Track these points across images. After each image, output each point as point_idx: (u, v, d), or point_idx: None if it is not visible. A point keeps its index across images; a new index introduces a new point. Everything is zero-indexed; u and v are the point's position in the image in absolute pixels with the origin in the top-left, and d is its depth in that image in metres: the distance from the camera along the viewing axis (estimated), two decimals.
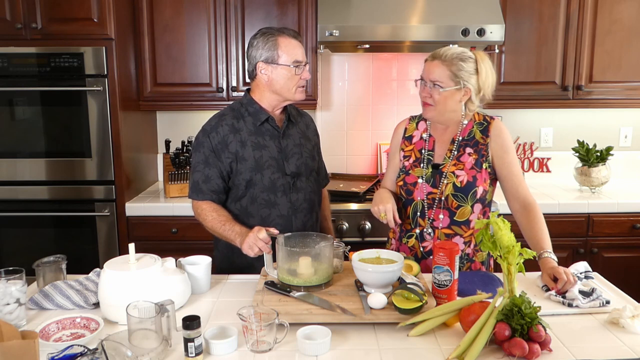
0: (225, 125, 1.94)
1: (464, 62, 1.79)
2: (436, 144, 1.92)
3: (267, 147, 1.94)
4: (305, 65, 1.91)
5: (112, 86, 2.75)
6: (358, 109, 3.42)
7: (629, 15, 3.01)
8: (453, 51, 1.81)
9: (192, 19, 2.99)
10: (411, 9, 2.89)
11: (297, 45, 1.90)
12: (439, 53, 1.82)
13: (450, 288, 1.51)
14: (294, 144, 2.00)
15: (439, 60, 1.80)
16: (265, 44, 1.87)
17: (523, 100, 3.11)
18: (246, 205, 1.95)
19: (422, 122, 1.98)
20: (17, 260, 2.67)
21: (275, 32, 1.89)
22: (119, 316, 1.45)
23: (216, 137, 1.92)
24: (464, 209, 1.85)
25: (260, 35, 1.90)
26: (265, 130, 1.95)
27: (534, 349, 1.26)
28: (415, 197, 1.89)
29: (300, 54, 1.90)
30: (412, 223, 1.91)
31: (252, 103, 1.96)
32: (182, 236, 2.86)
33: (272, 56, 1.88)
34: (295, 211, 1.97)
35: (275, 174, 1.94)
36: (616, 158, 3.26)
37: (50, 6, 2.69)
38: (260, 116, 1.94)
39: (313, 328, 1.36)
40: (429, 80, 1.82)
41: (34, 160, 2.81)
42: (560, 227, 2.91)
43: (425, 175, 1.88)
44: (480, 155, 1.86)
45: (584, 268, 1.75)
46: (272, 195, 1.94)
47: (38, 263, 1.70)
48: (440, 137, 1.93)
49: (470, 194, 1.83)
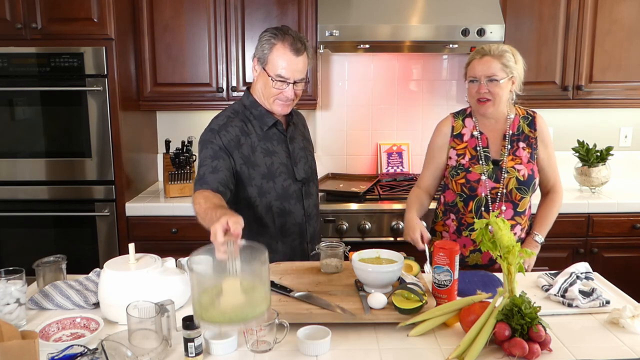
0: (235, 126, 1.83)
1: (507, 53, 1.93)
2: (489, 141, 2.01)
3: (276, 152, 1.86)
4: (292, 84, 1.77)
5: (112, 86, 2.75)
6: (358, 109, 3.42)
7: (629, 15, 3.01)
8: (496, 46, 1.94)
9: (192, 19, 2.99)
10: (411, 9, 2.89)
11: (292, 60, 1.74)
12: (485, 50, 1.94)
13: (450, 288, 1.51)
14: (300, 148, 1.95)
15: (489, 56, 1.92)
16: (265, 43, 1.78)
17: (523, 100, 3.07)
18: (261, 215, 1.86)
19: (469, 119, 2.05)
20: (17, 260, 2.66)
21: (279, 36, 1.76)
22: (119, 316, 1.45)
23: (227, 136, 1.79)
24: (525, 200, 1.99)
25: (269, 32, 1.80)
26: (272, 135, 1.87)
27: (534, 349, 1.26)
28: (479, 193, 1.97)
29: (288, 71, 1.75)
30: (475, 217, 1.99)
31: (255, 105, 1.86)
32: (182, 236, 2.85)
33: (263, 58, 1.78)
34: (308, 218, 1.94)
35: (287, 181, 1.87)
36: (616, 158, 3.26)
37: (50, 6, 2.69)
38: (267, 120, 1.85)
39: (313, 328, 1.36)
40: (484, 77, 1.91)
41: (34, 160, 2.81)
42: (560, 227, 2.89)
43: (487, 172, 1.97)
44: (533, 148, 2.00)
45: (584, 269, 1.75)
46: (286, 204, 1.88)
47: (38, 263, 1.70)
48: (491, 133, 2.02)
49: (531, 186, 1.98)
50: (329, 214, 2.84)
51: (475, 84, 1.94)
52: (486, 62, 1.92)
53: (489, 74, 1.91)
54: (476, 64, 1.94)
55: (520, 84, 1.99)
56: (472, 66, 1.96)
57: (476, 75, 1.93)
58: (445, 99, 3.39)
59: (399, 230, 2.84)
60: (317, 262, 1.80)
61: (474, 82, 1.95)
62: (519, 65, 1.96)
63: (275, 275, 1.70)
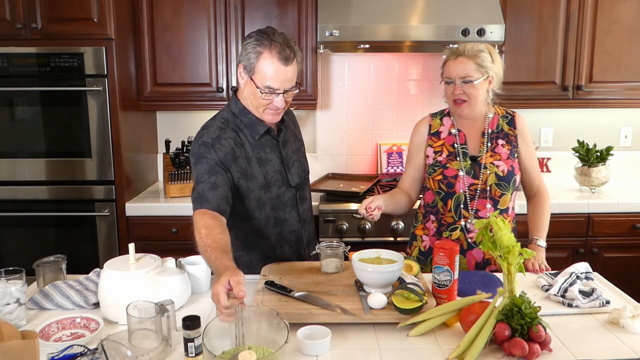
0: (229, 137, 1.74)
1: (483, 53, 1.89)
2: (467, 138, 1.99)
3: (269, 160, 1.80)
4: (281, 93, 1.68)
5: (112, 86, 2.75)
6: (358, 109, 3.42)
7: (629, 15, 3.01)
8: (471, 45, 1.90)
9: (192, 19, 2.99)
10: (411, 9, 2.89)
11: (281, 70, 1.64)
12: (459, 50, 1.90)
13: (450, 288, 1.51)
14: (292, 151, 1.89)
15: (463, 56, 1.88)
16: (251, 51, 1.66)
17: (523, 100, 3.11)
18: (259, 226, 1.82)
19: (447, 118, 2.04)
20: (17, 260, 2.67)
21: (267, 43, 1.64)
22: (119, 316, 1.45)
23: (222, 150, 1.71)
24: (505, 197, 1.94)
25: (254, 37, 1.68)
26: (265, 142, 1.80)
27: (534, 349, 1.26)
28: (457, 189, 1.93)
29: (277, 82, 1.65)
30: (455, 216, 1.94)
31: (244, 112, 1.77)
32: (182, 236, 2.85)
33: (250, 67, 1.68)
34: (303, 224, 1.91)
35: (281, 189, 1.82)
36: (616, 158, 3.26)
37: (50, 6, 2.69)
38: (259, 129, 1.77)
39: (313, 328, 1.36)
40: (458, 78, 1.88)
41: (34, 160, 2.81)
42: (560, 227, 2.90)
43: (465, 168, 1.94)
44: (513, 145, 1.97)
45: (584, 269, 1.75)
46: (280, 212, 1.83)
47: (38, 263, 1.70)
48: (470, 131, 1.99)
49: (512, 182, 1.93)
50: (329, 214, 2.84)
51: (451, 85, 1.91)
52: (460, 62, 1.88)
53: (464, 75, 1.87)
54: (451, 65, 1.91)
55: (499, 83, 1.95)
56: (447, 67, 1.92)
57: (451, 76, 1.90)
58: None
59: (399, 231, 2.85)
60: (317, 262, 1.80)
61: (449, 84, 1.92)
62: (496, 65, 1.92)
63: (275, 275, 1.70)
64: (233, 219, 1.71)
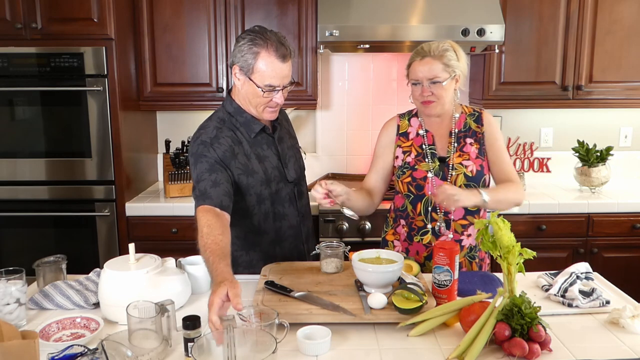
0: (226, 136, 1.77)
1: (449, 52, 1.84)
2: (435, 138, 1.95)
3: (267, 157, 1.84)
4: (280, 89, 1.72)
5: (112, 86, 2.75)
6: (358, 109, 3.42)
7: (629, 15, 3.01)
8: (436, 45, 1.84)
9: (192, 19, 2.99)
10: (411, 9, 2.89)
11: (280, 67, 1.68)
12: (424, 50, 1.84)
13: (450, 288, 1.51)
14: (288, 147, 1.92)
15: (429, 57, 1.83)
16: (248, 51, 1.69)
17: (523, 100, 3.11)
18: (258, 222, 1.84)
19: (415, 119, 2.00)
20: (17, 260, 2.66)
21: (262, 43, 1.67)
22: (119, 316, 1.45)
23: (220, 148, 1.73)
24: None
25: (247, 38, 1.70)
26: (261, 139, 1.84)
27: (534, 349, 1.26)
28: (426, 191, 1.89)
29: (277, 79, 1.69)
30: (425, 219, 1.91)
31: (240, 112, 1.80)
32: (182, 236, 2.85)
33: (247, 67, 1.70)
34: (302, 219, 1.93)
35: (280, 184, 1.85)
36: (616, 158, 3.26)
37: (50, 6, 2.69)
38: (254, 127, 1.81)
39: (313, 328, 1.36)
40: (425, 79, 1.83)
41: (34, 160, 2.81)
42: (560, 227, 2.91)
43: (433, 169, 1.90)
44: (481, 143, 1.93)
45: (584, 269, 1.75)
46: (280, 207, 1.86)
47: (38, 263, 1.70)
48: (437, 131, 1.96)
49: (481, 182, 1.89)
50: (329, 214, 2.84)
51: (418, 87, 1.85)
52: (427, 63, 1.82)
53: (431, 76, 1.82)
54: (417, 66, 1.84)
55: (464, 80, 1.91)
56: (413, 68, 1.86)
57: (418, 78, 1.84)
58: None
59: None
60: (317, 262, 1.80)
61: (416, 85, 1.86)
62: (461, 62, 1.87)
63: (275, 275, 1.70)
64: (233, 216, 1.71)
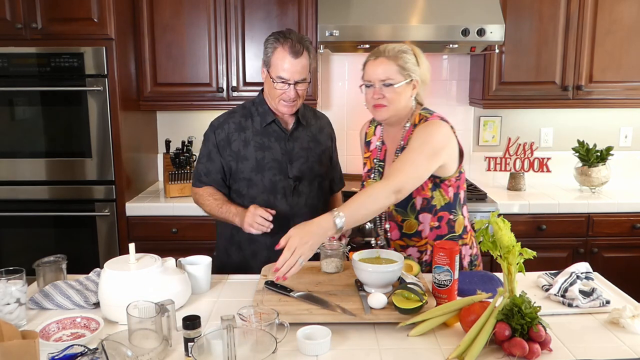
0: (232, 122, 1.98)
1: (407, 54, 1.73)
2: (387, 154, 1.86)
3: (271, 148, 1.96)
4: (292, 84, 1.85)
5: (112, 86, 2.75)
6: (358, 109, 3.41)
7: (629, 15, 3.01)
8: (393, 46, 1.75)
9: (192, 19, 2.99)
10: (411, 9, 2.89)
11: (292, 62, 1.83)
12: (380, 50, 1.75)
13: (450, 288, 1.51)
14: (301, 147, 2.00)
15: (383, 57, 1.72)
16: (269, 47, 1.89)
17: (523, 100, 3.11)
18: (246, 204, 1.93)
19: (379, 128, 1.92)
20: (17, 260, 2.66)
21: (280, 40, 1.86)
22: (119, 316, 1.45)
23: (221, 134, 1.97)
24: (408, 222, 1.80)
25: (272, 36, 1.90)
26: (272, 132, 1.97)
27: (534, 349, 1.26)
28: None
29: (287, 72, 1.84)
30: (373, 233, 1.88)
31: (262, 103, 1.98)
32: (182, 236, 2.85)
33: (267, 61, 1.90)
34: (294, 215, 1.96)
35: (277, 176, 1.95)
36: (616, 158, 3.26)
37: (50, 6, 2.69)
38: (267, 117, 1.96)
39: (313, 328, 1.36)
40: (377, 81, 1.72)
41: (34, 160, 2.81)
42: (560, 227, 2.91)
43: None
44: None
45: (584, 269, 1.75)
46: (271, 197, 1.96)
47: (38, 263, 1.70)
48: (391, 144, 1.85)
49: (409, 206, 1.76)
50: None
51: (371, 89, 1.74)
52: (381, 63, 1.71)
53: (384, 77, 1.70)
54: (370, 66, 1.74)
55: (424, 88, 1.78)
56: (367, 69, 1.75)
57: (370, 79, 1.73)
58: (446, 98, 3.39)
59: None
60: (317, 262, 1.80)
61: (369, 87, 1.75)
62: (422, 68, 1.74)
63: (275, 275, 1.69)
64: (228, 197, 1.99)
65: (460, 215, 1.83)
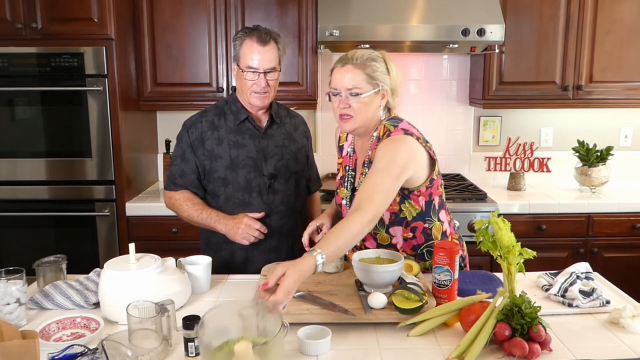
0: (205, 121, 1.97)
1: (376, 62, 1.64)
2: (357, 163, 1.80)
3: (245, 146, 1.95)
4: (262, 73, 1.85)
5: (112, 86, 2.75)
6: None
7: (629, 15, 3.01)
8: (362, 52, 1.65)
9: (192, 19, 2.99)
10: (411, 9, 2.89)
11: (258, 49, 1.85)
12: (347, 57, 1.65)
13: (450, 288, 1.51)
14: (276, 145, 1.99)
15: (350, 64, 1.62)
16: (236, 42, 1.90)
17: (523, 100, 3.11)
18: (222, 204, 1.96)
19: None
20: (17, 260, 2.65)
21: (247, 32, 1.88)
22: (119, 316, 1.45)
23: (194, 133, 1.96)
24: (380, 235, 1.75)
25: (239, 32, 1.92)
26: (245, 129, 1.97)
27: (534, 349, 1.26)
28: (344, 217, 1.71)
29: (256, 61, 1.85)
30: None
31: (235, 101, 1.98)
32: (182, 236, 2.85)
33: (236, 56, 1.91)
34: (270, 213, 1.97)
35: (252, 174, 1.95)
36: (616, 158, 3.26)
37: (50, 6, 2.69)
38: (240, 115, 1.96)
39: (313, 328, 1.36)
40: (344, 89, 1.62)
41: (34, 160, 2.81)
42: (560, 227, 2.91)
43: (347, 198, 1.79)
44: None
45: (584, 269, 1.75)
46: (246, 195, 1.95)
47: (38, 263, 1.70)
48: (361, 154, 1.78)
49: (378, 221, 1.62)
50: None
51: (337, 97, 1.64)
52: (347, 71, 1.62)
53: (350, 86, 1.61)
54: (337, 74, 1.64)
55: (394, 98, 1.69)
56: (333, 76, 1.66)
57: (337, 87, 1.64)
58: (446, 98, 3.39)
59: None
60: None
61: (335, 95, 1.65)
62: (392, 76, 1.66)
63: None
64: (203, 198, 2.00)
65: (436, 222, 1.75)
